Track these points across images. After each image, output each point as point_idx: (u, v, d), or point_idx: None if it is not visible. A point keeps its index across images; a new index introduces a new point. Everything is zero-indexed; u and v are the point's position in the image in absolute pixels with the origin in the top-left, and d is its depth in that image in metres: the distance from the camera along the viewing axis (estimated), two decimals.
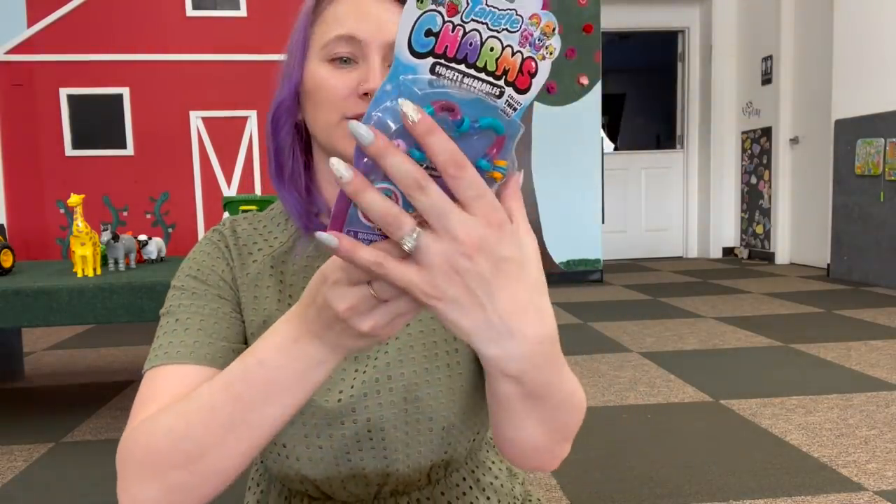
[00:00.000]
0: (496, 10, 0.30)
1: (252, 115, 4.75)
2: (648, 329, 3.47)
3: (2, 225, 4.43)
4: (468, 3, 0.30)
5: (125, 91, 4.66)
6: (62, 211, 4.63)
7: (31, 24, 4.55)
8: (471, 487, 0.72)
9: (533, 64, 0.31)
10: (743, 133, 6.44)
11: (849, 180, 4.82)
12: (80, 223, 2.03)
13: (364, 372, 0.66)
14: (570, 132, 5.11)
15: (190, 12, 4.65)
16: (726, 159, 6.54)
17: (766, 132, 6.06)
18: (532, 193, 5.14)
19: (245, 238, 0.71)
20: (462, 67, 0.31)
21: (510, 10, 0.30)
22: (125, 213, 4.70)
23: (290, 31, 0.68)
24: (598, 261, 5.23)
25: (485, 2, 0.30)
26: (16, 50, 4.54)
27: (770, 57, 5.93)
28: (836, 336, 3.17)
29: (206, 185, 4.80)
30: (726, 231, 6.62)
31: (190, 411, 0.50)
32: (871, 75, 4.61)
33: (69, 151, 4.65)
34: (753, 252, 6.37)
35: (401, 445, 0.66)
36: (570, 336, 3.34)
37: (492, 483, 0.74)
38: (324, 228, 0.64)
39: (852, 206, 4.80)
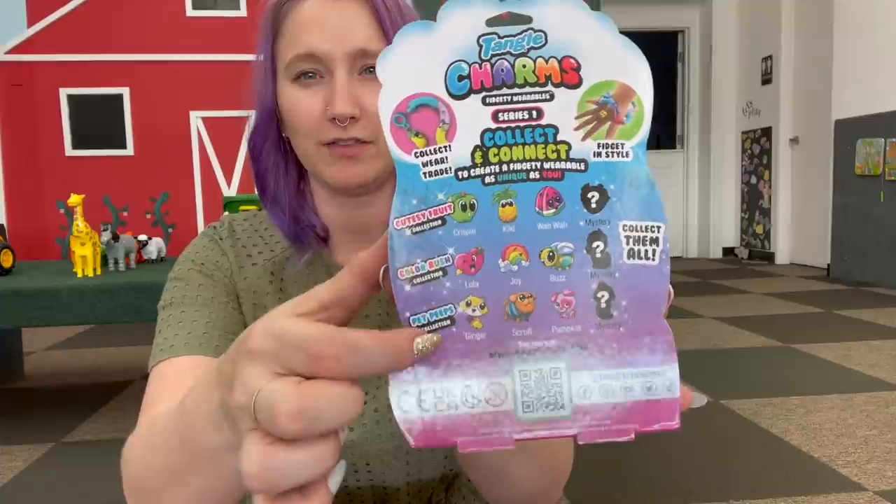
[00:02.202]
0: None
1: (252, 115, 4.75)
2: None
3: (2, 225, 4.43)
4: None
5: (125, 91, 4.65)
6: (62, 211, 4.63)
7: (31, 24, 4.55)
8: None
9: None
10: (743, 133, 6.44)
11: (849, 180, 4.82)
12: (80, 223, 2.02)
13: (365, 402, 0.62)
14: None
15: (190, 12, 4.65)
16: (726, 159, 6.54)
17: (766, 132, 6.06)
18: None
19: (245, 239, 0.67)
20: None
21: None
22: (125, 213, 4.70)
23: None
24: None
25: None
26: (16, 50, 4.54)
27: (770, 57, 5.93)
28: (836, 336, 3.17)
29: (206, 185, 4.80)
30: (726, 231, 6.62)
31: (151, 437, 0.41)
32: (871, 75, 4.61)
33: (69, 151, 4.64)
34: (753, 252, 6.37)
35: (401, 475, 0.64)
36: None
37: None
38: (315, 239, 0.62)
39: (852, 206, 4.80)
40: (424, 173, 0.29)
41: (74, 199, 2.00)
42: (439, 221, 0.28)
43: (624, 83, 0.29)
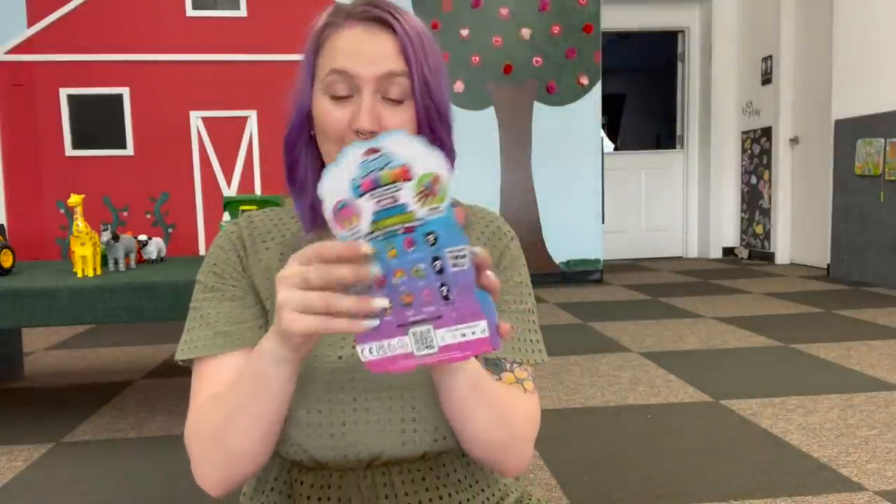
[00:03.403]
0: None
1: (252, 115, 4.75)
2: (648, 329, 3.47)
3: (2, 225, 4.43)
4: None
5: (125, 91, 4.65)
6: (62, 211, 4.63)
7: (31, 24, 4.55)
8: (455, 470, 0.77)
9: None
10: (743, 133, 6.44)
11: (849, 180, 4.82)
12: (80, 223, 2.02)
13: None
14: (570, 132, 5.10)
15: (190, 12, 4.64)
16: (726, 159, 6.54)
17: (766, 132, 6.06)
18: (532, 193, 5.14)
19: (261, 228, 0.79)
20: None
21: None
22: (125, 213, 4.70)
23: (290, 32, 0.73)
24: (598, 261, 5.23)
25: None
26: (16, 50, 4.54)
27: (770, 57, 5.93)
28: (836, 336, 3.17)
29: (206, 185, 4.80)
30: (726, 231, 6.62)
31: (215, 404, 0.68)
32: (871, 75, 4.61)
33: (69, 151, 4.64)
34: (753, 252, 6.37)
35: (396, 419, 0.71)
36: (570, 336, 3.34)
37: (482, 468, 0.80)
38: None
39: (852, 206, 4.80)
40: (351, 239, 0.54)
41: (74, 199, 2.00)
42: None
43: (434, 172, 0.50)
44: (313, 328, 0.52)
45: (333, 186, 0.52)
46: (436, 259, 0.51)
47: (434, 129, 0.72)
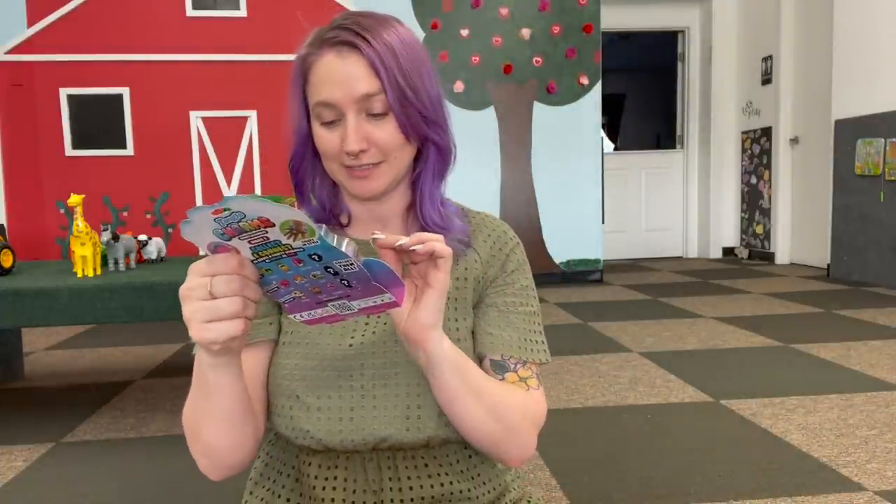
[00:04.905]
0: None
1: (252, 115, 4.75)
2: (648, 329, 3.46)
3: (2, 225, 4.43)
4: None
5: (125, 91, 4.65)
6: (62, 211, 4.63)
7: (31, 24, 4.55)
8: (458, 461, 0.80)
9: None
10: (743, 133, 6.44)
11: (849, 180, 4.82)
12: (80, 223, 2.02)
13: (374, 333, 0.78)
14: (570, 132, 5.10)
15: (190, 12, 4.64)
16: (726, 159, 6.54)
17: (766, 132, 6.06)
18: (532, 193, 5.14)
19: None
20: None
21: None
22: (125, 213, 4.70)
23: (290, 32, 0.75)
24: (598, 261, 5.23)
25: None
26: (16, 50, 4.54)
27: (770, 57, 5.93)
28: (836, 336, 3.17)
29: (206, 185, 4.79)
30: (726, 231, 6.62)
31: (190, 398, 0.72)
32: (871, 75, 4.61)
33: (69, 151, 4.64)
34: (753, 252, 6.37)
35: (401, 406, 0.75)
36: (570, 336, 3.34)
37: (483, 462, 0.83)
38: (338, 224, 0.85)
39: (852, 206, 4.80)
40: None
41: (74, 199, 1.99)
42: (266, 273, 0.60)
43: (295, 220, 0.53)
44: (224, 334, 0.58)
45: (198, 236, 0.56)
46: (329, 267, 0.56)
47: (422, 133, 0.76)
